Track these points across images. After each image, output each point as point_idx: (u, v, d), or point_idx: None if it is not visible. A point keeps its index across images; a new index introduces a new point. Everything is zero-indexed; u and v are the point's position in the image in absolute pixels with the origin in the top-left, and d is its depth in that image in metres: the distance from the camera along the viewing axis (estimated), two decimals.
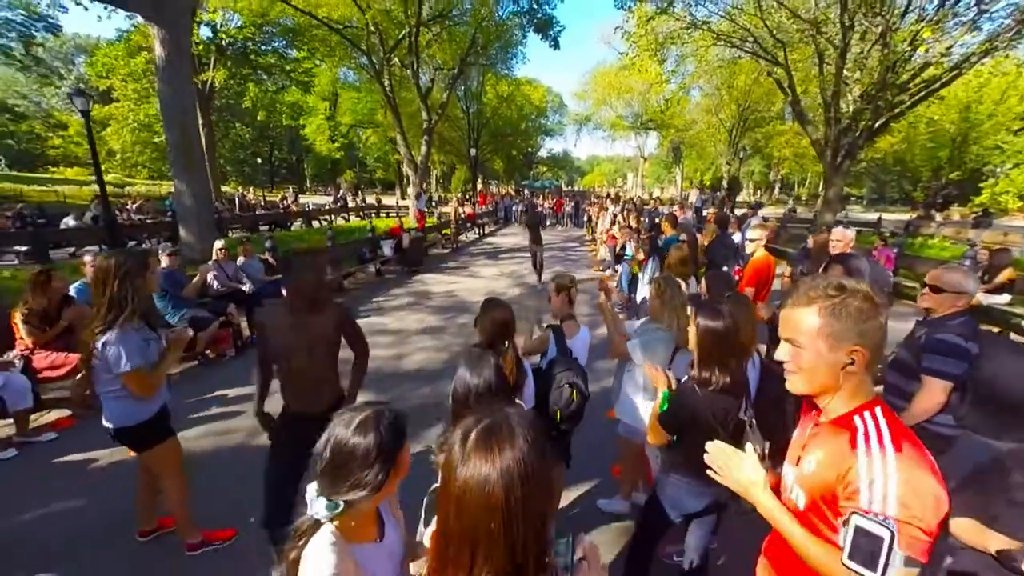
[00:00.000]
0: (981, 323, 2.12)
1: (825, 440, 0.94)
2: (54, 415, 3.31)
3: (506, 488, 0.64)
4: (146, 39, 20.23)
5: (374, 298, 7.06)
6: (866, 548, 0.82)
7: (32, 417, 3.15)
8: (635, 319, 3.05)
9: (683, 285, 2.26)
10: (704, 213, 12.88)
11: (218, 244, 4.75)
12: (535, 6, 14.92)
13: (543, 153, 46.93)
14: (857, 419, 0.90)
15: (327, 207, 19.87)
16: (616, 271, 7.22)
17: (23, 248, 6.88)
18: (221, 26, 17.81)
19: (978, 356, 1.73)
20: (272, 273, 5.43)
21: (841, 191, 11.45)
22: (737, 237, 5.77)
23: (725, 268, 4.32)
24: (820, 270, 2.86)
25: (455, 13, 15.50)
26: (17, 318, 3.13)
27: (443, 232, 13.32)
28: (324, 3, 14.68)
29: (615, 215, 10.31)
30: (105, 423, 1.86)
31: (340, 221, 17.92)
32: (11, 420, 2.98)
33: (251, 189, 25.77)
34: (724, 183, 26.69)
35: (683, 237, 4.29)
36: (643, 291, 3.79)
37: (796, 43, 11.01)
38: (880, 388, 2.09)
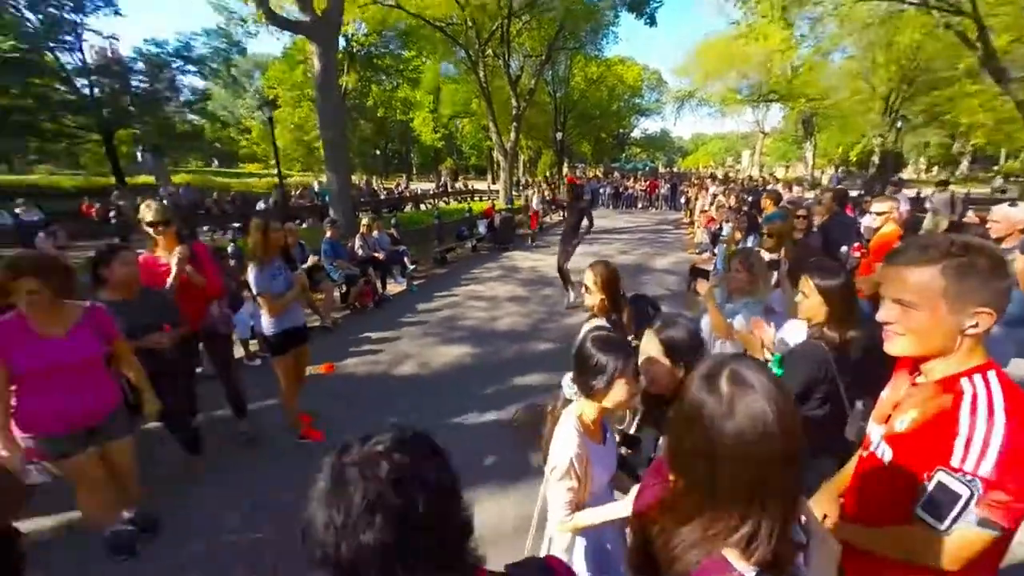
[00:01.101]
0: None
1: (923, 400, 0.90)
2: None
3: (782, 425, 0.59)
4: (300, 53, 24.79)
5: (471, 270, 8.03)
6: (941, 501, 0.81)
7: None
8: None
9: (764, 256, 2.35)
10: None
11: (364, 221, 6.02)
12: None
13: (636, 134, 44.10)
14: (965, 381, 0.85)
15: (431, 192, 22.15)
16: (714, 254, 6.96)
17: (237, 225, 9.43)
18: (352, 35, 20.77)
19: None
20: (395, 245, 6.62)
21: None
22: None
23: (844, 248, 4.01)
24: None
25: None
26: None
27: (529, 215, 13.92)
28: (430, 5, 16.15)
29: (715, 195, 9.64)
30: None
31: (442, 204, 19.87)
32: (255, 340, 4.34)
33: (374, 178, 29.82)
34: (875, 159, 21.93)
35: (800, 212, 4.06)
36: None
37: None
38: None
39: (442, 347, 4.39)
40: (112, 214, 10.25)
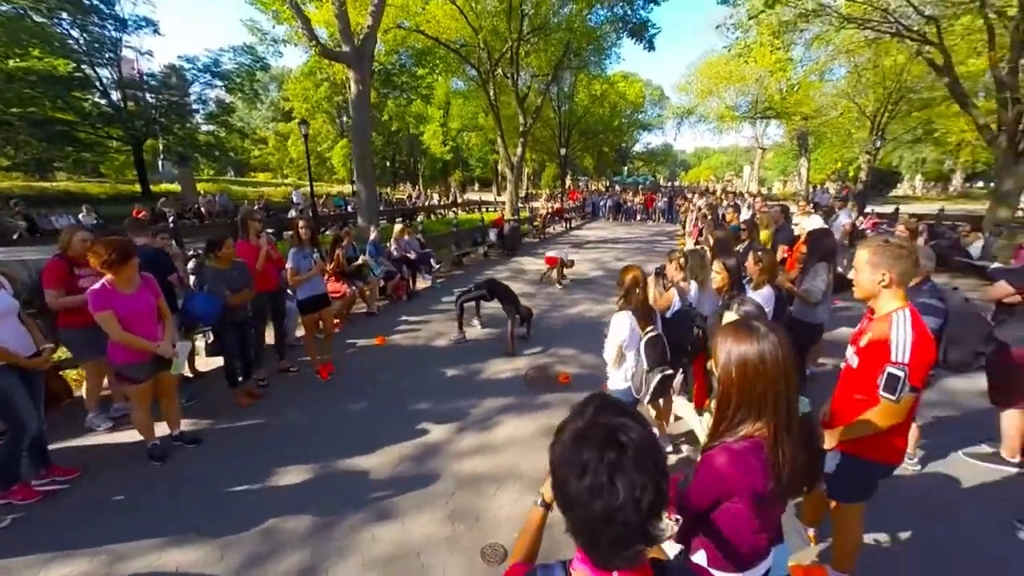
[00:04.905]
0: None
1: (875, 326, 1.59)
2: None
3: (778, 355, 1.01)
4: (322, 71, 26.33)
5: (485, 271, 9.10)
6: (890, 383, 1.47)
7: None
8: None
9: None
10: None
11: (397, 227, 7.13)
12: (628, 12, 15.41)
13: (639, 148, 45.42)
14: (894, 314, 1.54)
15: (441, 203, 23.37)
16: None
17: (271, 231, 10.55)
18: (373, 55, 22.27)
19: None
20: (422, 248, 7.69)
21: (1022, 184, 9.44)
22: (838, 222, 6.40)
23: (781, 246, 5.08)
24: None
25: (552, 21, 16.79)
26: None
27: (534, 224, 15.06)
28: (446, 29, 17.49)
29: (699, 208, 10.74)
30: None
31: (450, 215, 21.04)
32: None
33: (388, 189, 31.19)
34: (863, 175, 23.04)
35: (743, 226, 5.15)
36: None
37: (952, 17, 9.79)
38: None
39: (466, 328, 5.38)
40: (171, 216, 11.46)
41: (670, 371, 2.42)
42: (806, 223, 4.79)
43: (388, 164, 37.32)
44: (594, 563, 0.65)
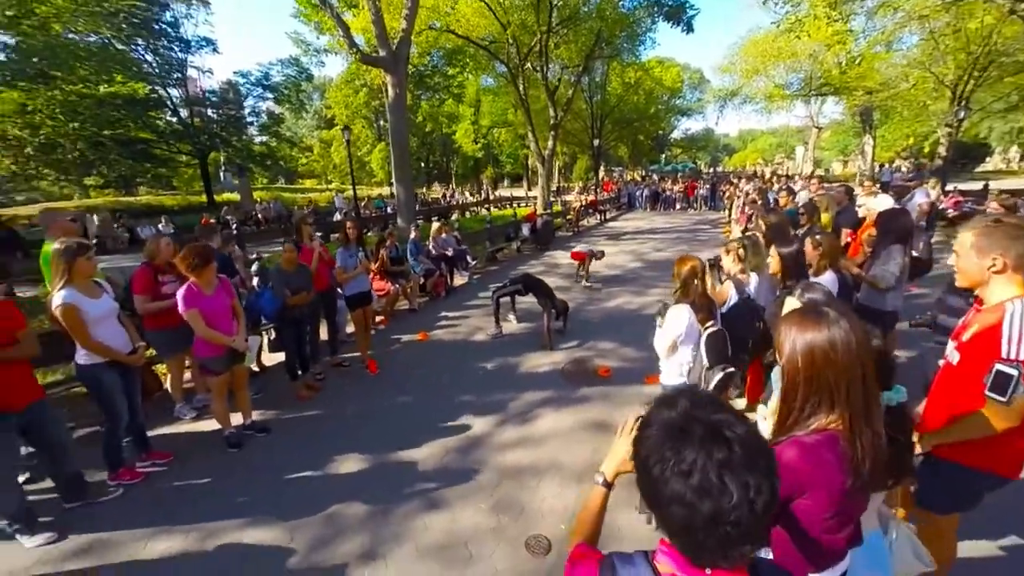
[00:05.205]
0: None
1: (982, 317, 1.39)
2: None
3: (850, 342, 0.95)
4: (359, 78, 27.48)
5: (519, 266, 9.15)
6: (1001, 383, 1.26)
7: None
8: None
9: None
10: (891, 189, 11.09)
11: (435, 225, 7.33)
12: None
13: (677, 134, 43.36)
14: (1008, 303, 1.32)
15: (474, 200, 23.70)
16: None
17: (319, 234, 11.29)
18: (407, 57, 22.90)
19: None
20: (458, 244, 7.86)
21: None
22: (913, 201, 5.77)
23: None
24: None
25: (583, 11, 16.25)
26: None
27: (567, 218, 14.86)
28: (476, 27, 17.55)
29: (747, 193, 10.09)
30: None
31: (483, 212, 21.27)
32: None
33: (421, 190, 32.12)
34: (941, 151, 20.50)
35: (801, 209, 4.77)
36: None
37: None
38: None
39: (502, 323, 5.45)
40: (233, 223, 12.61)
41: (732, 369, 2.30)
42: (873, 203, 4.34)
43: (423, 165, 38.28)
44: (689, 560, 0.62)
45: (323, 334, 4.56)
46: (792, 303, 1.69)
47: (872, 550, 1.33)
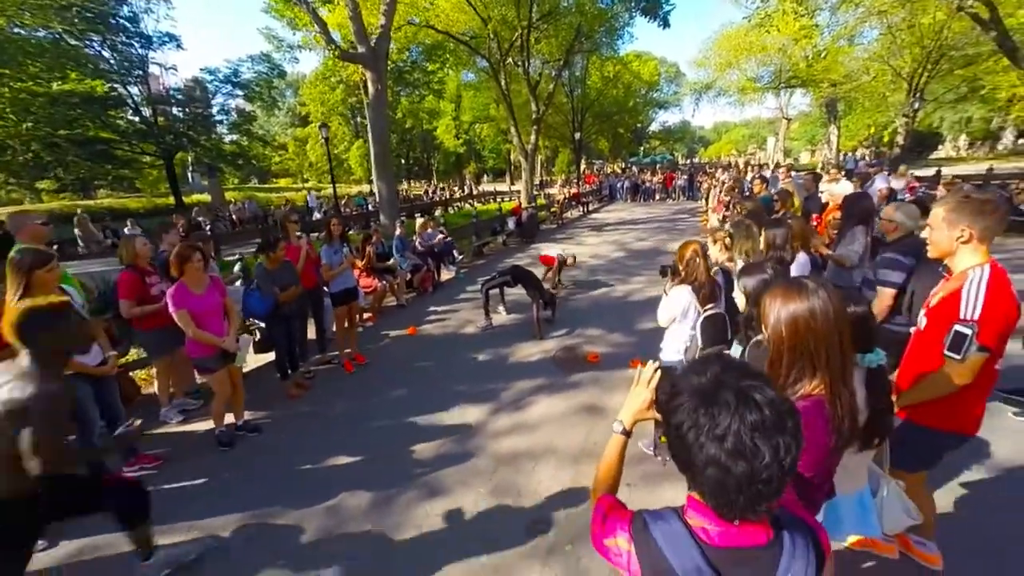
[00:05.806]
0: None
1: (948, 285, 1.51)
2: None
3: (828, 310, 1.01)
4: (335, 75, 26.77)
5: (505, 260, 9.18)
6: (958, 342, 1.37)
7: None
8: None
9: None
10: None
11: (420, 221, 7.30)
12: None
13: (655, 127, 44.08)
14: (970, 271, 1.45)
15: (456, 196, 23.53)
16: None
17: (299, 234, 11.06)
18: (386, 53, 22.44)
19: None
20: (445, 238, 7.85)
21: None
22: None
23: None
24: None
25: (562, 5, 16.35)
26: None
27: (551, 211, 14.99)
28: (456, 22, 17.37)
29: (723, 182, 10.42)
30: None
31: (467, 207, 21.17)
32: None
33: (402, 187, 31.67)
34: (900, 139, 21.60)
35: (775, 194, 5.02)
36: None
37: None
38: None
39: (492, 315, 5.48)
40: (207, 226, 12.15)
41: (728, 352, 2.38)
42: (835, 189, 4.66)
43: (403, 162, 37.69)
44: (720, 516, 0.66)
45: (311, 333, 4.52)
46: (738, 289, 1.82)
47: (862, 507, 1.46)
